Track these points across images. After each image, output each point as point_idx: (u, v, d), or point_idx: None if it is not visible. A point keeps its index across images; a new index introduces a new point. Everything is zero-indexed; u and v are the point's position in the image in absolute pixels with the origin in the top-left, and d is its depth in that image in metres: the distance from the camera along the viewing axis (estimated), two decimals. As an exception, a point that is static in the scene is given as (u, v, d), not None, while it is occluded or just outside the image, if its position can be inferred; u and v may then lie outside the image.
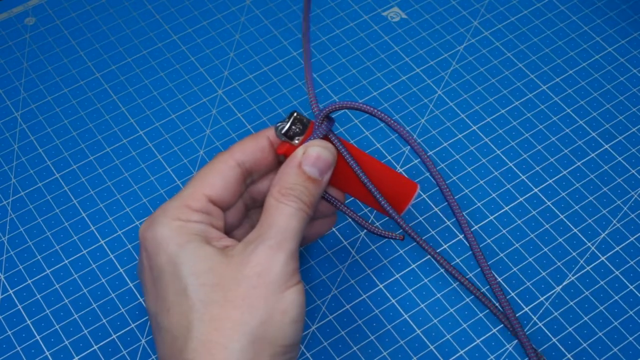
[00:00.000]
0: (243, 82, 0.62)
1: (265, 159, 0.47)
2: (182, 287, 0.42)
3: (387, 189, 0.48)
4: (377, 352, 0.51)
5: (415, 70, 0.62)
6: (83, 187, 0.57)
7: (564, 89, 0.61)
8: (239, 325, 0.40)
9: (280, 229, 0.42)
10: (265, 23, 0.65)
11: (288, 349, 0.42)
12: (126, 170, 0.58)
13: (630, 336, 0.51)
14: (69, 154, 0.58)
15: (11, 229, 0.55)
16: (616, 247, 0.54)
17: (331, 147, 0.46)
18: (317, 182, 0.45)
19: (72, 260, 0.54)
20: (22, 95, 0.61)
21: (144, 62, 0.63)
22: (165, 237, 0.43)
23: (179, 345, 0.41)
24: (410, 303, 0.52)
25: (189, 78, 0.62)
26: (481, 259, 0.49)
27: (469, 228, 0.49)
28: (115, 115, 0.60)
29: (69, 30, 0.65)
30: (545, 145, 0.58)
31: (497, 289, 0.49)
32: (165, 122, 0.60)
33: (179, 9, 0.66)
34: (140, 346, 0.51)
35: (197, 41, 0.64)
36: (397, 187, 0.48)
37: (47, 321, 0.52)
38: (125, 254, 0.54)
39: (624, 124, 0.59)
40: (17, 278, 0.53)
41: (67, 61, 0.63)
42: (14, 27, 0.65)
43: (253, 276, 0.41)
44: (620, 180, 0.57)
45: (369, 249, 0.54)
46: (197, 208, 0.44)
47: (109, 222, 0.56)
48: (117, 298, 0.53)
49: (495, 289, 0.49)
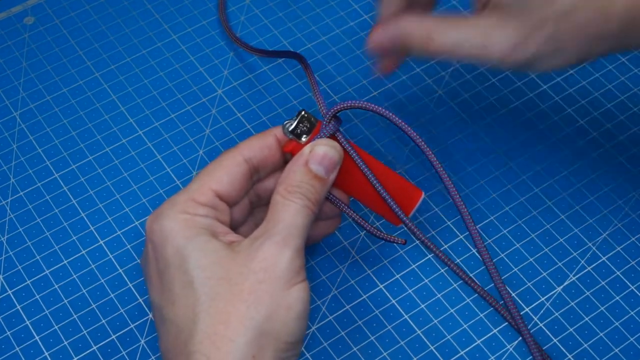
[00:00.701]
0: (243, 82, 0.62)
1: (272, 156, 0.47)
2: (188, 280, 0.42)
3: (391, 193, 0.48)
4: (377, 352, 0.50)
5: (415, 70, 0.62)
6: (82, 187, 0.57)
7: (565, 88, 0.61)
8: (245, 319, 0.41)
9: (287, 226, 0.43)
10: (265, 23, 0.65)
11: (291, 345, 0.42)
12: (125, 170, 0.58)
13: (631, 337, 0.51)
14: (68, 154, 0.58)
15: (10, 229, 0.55)
16: (617, 247, 0.54)
17: (338, 147, 0.46)
18: (323, 180, 0.45)
19: (71, 260, 0.54)
20: (21, 95, 0.61)
21: (143, 62, 0.63)
22: (173, 229, 0.43)
23: (184, 338, 0.41)
24: (410, 303, 0.52)
25: (189, 78, 0.62)
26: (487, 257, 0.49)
27: (475, 226, 0.49)
28: (115, 115, 0.60)
29: (68, 29, 0.65)
30: (545, 145, 0.58)
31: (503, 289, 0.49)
32: (165, 122, 0.60)
33: (178, 8, 0.66)
34: (140, 347, 0.51)
35: (197, 40, 0.64)
36: (402, 192, 0.49)
37: (46, 321, 0.52)
38: (124, 254, 0.54)
39: (624, 124, 0.59)
40: (16, 278, 0.53)
41: (66, 61, 0.63)
42: (13, 26, 0.65)
43: (259, 271, 0.42)
44: (621, 180, 0.57)
45: (369, 249, 0.54)
46: (204, 202, 0.44)
47: (108, 222, 0.55)
48: (116, 298, 0.53)
49: (501, 289, 0.49)
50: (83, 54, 0.63)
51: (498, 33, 0.45)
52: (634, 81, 0.61)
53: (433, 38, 0.46)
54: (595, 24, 0.44)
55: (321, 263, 0.54)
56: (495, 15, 0.45)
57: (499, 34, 0.45)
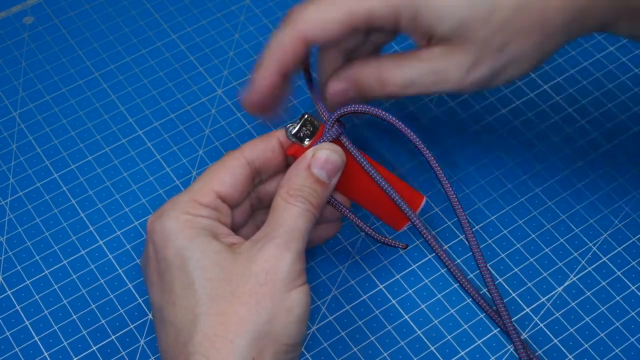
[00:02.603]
0: (243, 82, 0.62)
1: (275, 159, 0.47)
2: (189, 281, 0.42)
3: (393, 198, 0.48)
4: (378, 353, 0.50)
5: (415, 70, 0.62)
6: (82, 187, 0.57)
7: (565, 88, 0.61)
8: (245, 321, 0.41)
9: (288, 229, 0.43)
10: (265, 22, 0.65)
11: (291, 347, 0.42)
12: (125, 170, 0.58)
13: (631, 337, 0.51)
14: (68, 154, 0.58)
15: (9, 229, 0.55)
16: (618, 248, 0.54)
17: (340, 151, 0.47)
18: (325, 184, 0.46)
19: (70, 260, 0.54)
20: (20, 95, 0.61)
21: (142, 62, 0.63)
22: (174, 230, 0.43)
23: (184, 339, 0.41)
24: (410, 304, 0.52)
25: (188, 77, 0.62)
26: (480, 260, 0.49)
27: (471, 229, 0.49)
28: (114, 114, 0.60)
29: (68, 29, 0.65)
30: (546, 144, 0.58)
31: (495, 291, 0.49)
32: (165, 122, 0.60)
33: (178, 7, 0.66)
34: (140, 347, 0.51)
35: (197, 40, 0.64)
36: (404, 197, 0.49)
37: (46, 322, 0.52)
38: (124, 254, 0.54)
39: (625, 124, 0.59)
40: (15, 278, 0.53)
41: (65, 60, 0.63)
42: (12, 26, 0.65)
43: (261, 273, 0.42)
44: (621, 180, 0.57)
45: (369, 249, 0.54)
46: (205, 203, 0.44)
47: (107, 223, 0.55)
48: (116, 299, 0.52)
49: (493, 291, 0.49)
50: (82, 54, 0.63)
51: (449, 63, 0.45)
52: (635, 81, 0.61)
53: (386, 78, 0.47)
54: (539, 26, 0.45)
55: (321, 263, 0.54)
56: (442, 47, 0.46)
57: (450, 63, 0.45)
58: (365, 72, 0.47)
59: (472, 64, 0.45)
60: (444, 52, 0.45)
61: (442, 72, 0.46)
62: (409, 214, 0.48)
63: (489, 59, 0.45)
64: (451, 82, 0.46)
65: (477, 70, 0.45)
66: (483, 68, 0.45)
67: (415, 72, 0.46)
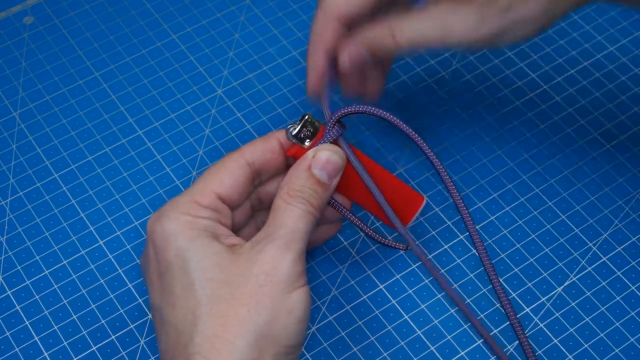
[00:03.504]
0: (243, 82, 0.62)
1: (275, 160, 0.47)
2: (189, 282, 0.42)
3: (393, 199, 0.48)
4: (378, 353, 0.50)
5: (415, 70, 0.62)
6: (82, 187, 0.57)
7: (566, 88, 0.61)
8: (245, 322, 0.41)
9: (289, 230, 0.43)
10: (265, 22, 0.65)
11: (291, 349, 0.42)
12: (125, 170, 0.58)
13: (631, 337, 0.51)
14: (68, 154, 0.58)
15: (10, 229, 0.55)
16: (618, 248, 0.54)
17: (341, 152, 0.47)
18: (325, 186, 0.46)
19: (70, 260, 0.54)
20: (20, 95, 0.61)
21: (143, 62, 0.63)
22: (174, 231, 0.43)
23: (184, 340, 0.41)
24: (410, 304, 0.52)
25: (188, 77, 0.62)
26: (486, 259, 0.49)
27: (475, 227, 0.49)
28: (114, 114, 0.60)
29: (68, 29, 0.65)
30: (546, 144, 0.58)
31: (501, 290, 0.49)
32: (165, 122, 0.60)
33: (178, 7, 0.66)
34: (140, 347, 0.51)
35: (197, 40, 0.64)
36: (404, 198, 0.49)
37: (46, 322, 0.52)
38: (124, 254, 0.54)
39: (625, 124, 0.59)
40: (15, 278, 0.53)
41: (65, 60, 0.63)
42: (12, 26, 0.65)
43: (261, 274, 0.42)
44: (621, 180, 0.57)
45: (369, 249, 0.54)
46: (205, 204, 0.44)
47: (107, 223, 0.55)
48: (116, 299, 0.52)
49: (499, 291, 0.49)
50: (82, 54, 0.63)
51: (456, 17, 0.46)
52: (635, 81, 0.61)
53: (396, 34, 0.47)
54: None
55: (321, 263, 0.54)
56: (449, 3, 0.46)
57: (457, 18, 0.46)
58: (377, 30, 0.48)
59: (477, 21, 0.46)
60: (452, 8, 0.46)
61: (449, 27, 0.46)
62: (398, 227, 0.48)
63: (494, 18, 0.46)
64: (457, 38, 0.46)
65: (482, 27, 0.46)
66: (488, 26, 0.46)
67: (424, 25, 0.47)
